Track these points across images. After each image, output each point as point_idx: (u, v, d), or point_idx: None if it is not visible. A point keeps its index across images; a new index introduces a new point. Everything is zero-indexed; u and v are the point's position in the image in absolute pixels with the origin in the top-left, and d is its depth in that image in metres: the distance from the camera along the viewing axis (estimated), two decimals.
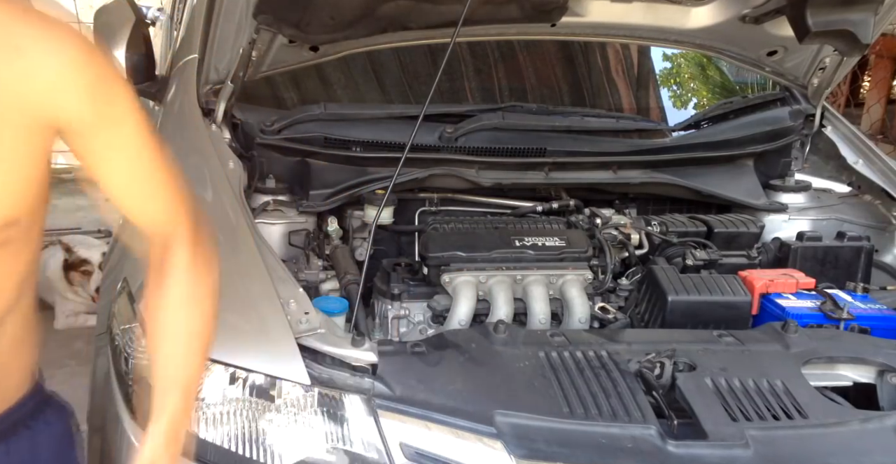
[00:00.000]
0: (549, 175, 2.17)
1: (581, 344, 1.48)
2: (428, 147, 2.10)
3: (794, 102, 2.48)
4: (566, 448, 1.23)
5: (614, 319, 1.79)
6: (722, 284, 1.77)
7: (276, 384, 1.30)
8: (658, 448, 1.24)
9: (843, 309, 1.69)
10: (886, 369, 1.48)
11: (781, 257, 2.01)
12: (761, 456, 1.23)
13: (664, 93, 2.82)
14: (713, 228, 2.08)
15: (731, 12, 2.11)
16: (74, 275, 3.46)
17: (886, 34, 5.00)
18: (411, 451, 1.24)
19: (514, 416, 1.26)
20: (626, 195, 2.31)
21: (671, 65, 2.82)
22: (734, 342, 1.53)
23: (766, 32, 2.18)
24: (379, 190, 1.97)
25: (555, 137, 2.21)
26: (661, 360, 1.42)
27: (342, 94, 2.37)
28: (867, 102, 6.06)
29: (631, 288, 1.89)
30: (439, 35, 2.08)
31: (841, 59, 2.26)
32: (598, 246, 1.91)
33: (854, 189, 2.42)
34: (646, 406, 1.30)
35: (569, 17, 2.07)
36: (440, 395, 1.29)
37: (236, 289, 1.38)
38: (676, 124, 2.50)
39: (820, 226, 2.26)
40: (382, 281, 1.85)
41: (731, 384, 1.39)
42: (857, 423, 1.33)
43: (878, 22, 1.98)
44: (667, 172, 2.25)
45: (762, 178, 2.41)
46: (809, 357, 1.49)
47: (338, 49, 2.10)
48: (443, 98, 2.34)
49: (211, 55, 1.91)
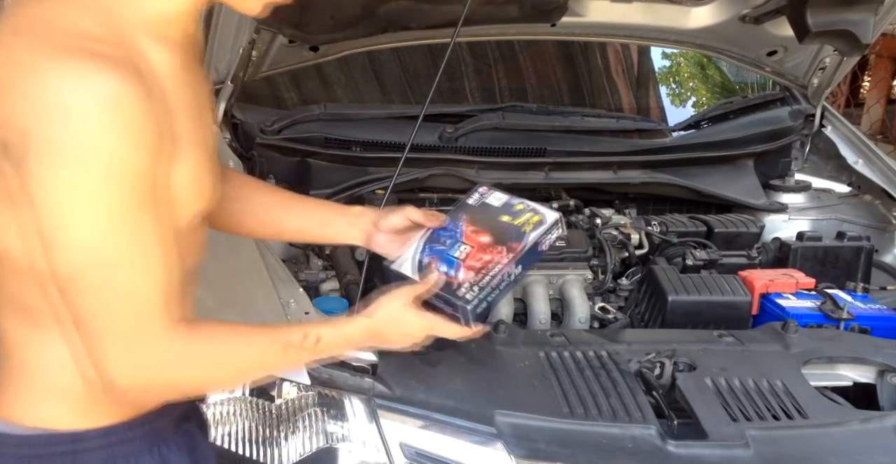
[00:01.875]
0: (549, 175, 2.17)
1: (581, 344, 1.48)
2: (428, 147, 2.10)
3: (794, 102, 2.48)
4: (566, 448, 1.23)
5: (614, 319, 1.79)
6: (722, 284, 1.77)
7: (276, 384, 1.30)
8: (658, 448, 1.23)
9: (843, 309, 1.69)
10: (886, 368, 1.48)
11: (781, 257, 2.01)
12: (761, 456, 1.23)
13: (664, 92, 2.82)
14: (713, 228, 2.08)
15: (731, 12, 2.11)
16: None
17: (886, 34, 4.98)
18: (411, 451, 1.24)
19: (514, 416, 1.26)
20: (626, 195, 2.31)
21: (671, 64, 2.82)
22: (734, 342, 1.53)
23: (766, 32, 2.18)
24: (379, 190, 1.97)
25: (555, 137, 2.21)
26: (661, 360, 1.42)
27: (342, 94, 2.37)
28: (867, 102, 6.05)
29: (631, 288, 1.89)
30: (439, 35, 2.07)
31: (841, 59, 2.26)
32: (598, 246, 1.90)
33: (854, 189, 2.42)
34: (646, 406, 1.30)
35: (569, 17, 2.07)
36: (440, 395, 1.29)
37: (237, 289, 1.38)
38: (676, 124, 2.51)
39: (820, 226, 2.26)
40: (382, 281, 1.85)
41: (731, 384, 1.39)
42: (857, 423, 1.33)
43: (878, 22, 1.98)
44: (667, 172, 2.25)
45: (762, 178, 2.41)
46: (809, 357, 1.49)
47: (338, 49, 2.10)
48: (443, 98, 2.34)
49: (211, 55, 1.91)
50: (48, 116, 0.76)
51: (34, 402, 0.93)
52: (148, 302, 0.83)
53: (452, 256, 1.18)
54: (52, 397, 0.93)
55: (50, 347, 0.90)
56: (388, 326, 1.08)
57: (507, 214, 1.23)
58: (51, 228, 0.80)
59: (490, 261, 1.16)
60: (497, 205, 1.25)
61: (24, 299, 0.90)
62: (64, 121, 0.76)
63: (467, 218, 1.23)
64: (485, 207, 1.25)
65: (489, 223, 1.22)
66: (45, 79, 0.77)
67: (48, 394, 0.93)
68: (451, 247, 1.19)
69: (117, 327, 0.82)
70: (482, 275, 1.15)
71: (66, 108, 0.76)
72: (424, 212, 1.26)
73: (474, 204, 1.26)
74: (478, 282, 1.14)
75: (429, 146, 2.11)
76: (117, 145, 0.78)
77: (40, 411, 0.93)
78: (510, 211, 1.23)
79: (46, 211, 0.79)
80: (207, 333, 0.91)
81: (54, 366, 0.91)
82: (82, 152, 0.77)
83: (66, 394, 0.92)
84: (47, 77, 0.77)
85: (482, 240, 1.19)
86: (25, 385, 0.93)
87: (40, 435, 0.92)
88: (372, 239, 1.28)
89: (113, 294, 0.82)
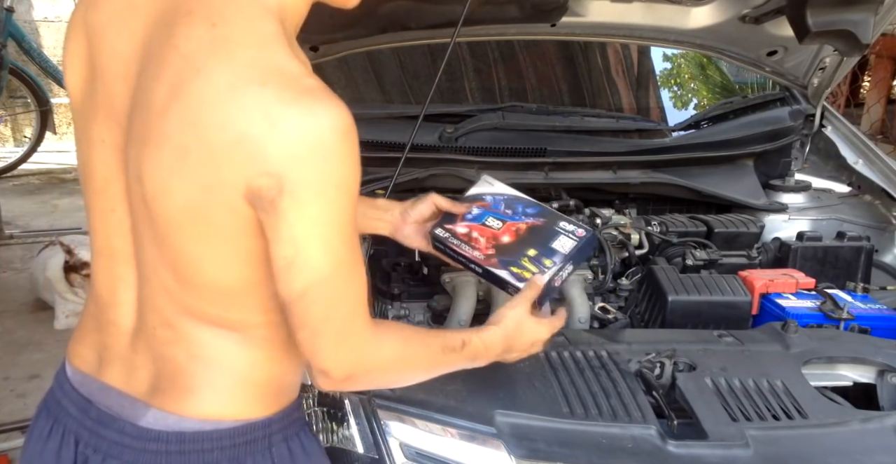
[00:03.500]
0: (549, 175, 2.17)
1: (581, 344, 1.49)
2: (428, 147, 2.10)
3: (794, 102, 2.48)
4: (566, 448, 1.23)
5: (614, 319, 1.79)
6: (722, 284, 1.77)
7: None
8: (658, 448, 1.24)
9: (843, 309, 1.69)
10: (886, 369, 1.48)
11: (781, 257, 2.01)
12: (761, 456, 1.23)
13: (664, 93, 2.82)
14: (713, 228, 2.08)
15: (731, 12, 2.11)
16: (75, 277, 3.46)
17: (886, 34, 4.99)
18: (411, 451, 1.24)
19: (514, 416, 1.26)
20: (626, 195, 2.31)
21: (671, 65, 2.82)
22: (734, 342, 1.53)
23: (766, 32, 2.18)
24: (379, 190, 1.96)
25: (555, 137, 2.21)
26: (661, 360, 1.42)
27: (342, 94, 2.34)
28: (867, 102, 6.05)
29: (631, 288, 1.89)
30: (439, 35, 2.07)
31: (841, 59, 2.26)
32: (598, 246, 1.90)
33: (854, 189, 2.42)
34: (646, 406, 1.30)
35: (569, 17, 2.07)
36: (440, 395, 1.29)
37: None
38: (676, 124, 2.50)
39: (820, 226, 2.26)
40: (382, 281, 1.85)
41: (731, 384, 1.39)
42: (857, 423, 1.32)
43: (878, 22, 1.98)
44: (667, 172, 2.25)
45: (762, 178, 2.41)
46: (809, 357, 1.49)
47: (338, 49, 2.10)
48: (443, 98, 2.34)
49: None
50: (300, 158, 0.84)
51: (232, 398, 1.02)
52: (358, 306, 0.95)
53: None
54: (245, 391, 1.03)
55: (242, 348, 1.01)
56: (516, 335, 1.19)
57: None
58: (293, 255, 0.88)
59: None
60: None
61: (218, 313, 0.98)
62: (314, 159, 0.84)
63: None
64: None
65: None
66: (288, 123, 0.83)
67: (242, 390, 1.03)
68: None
69: (336, 328, 0.93)
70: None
71: (313, 147, 0.84)
72: (448, 199, 1.36)
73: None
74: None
75: (429, 146, 2.10)
76: (353, 171, 0.88)
77: (237, 406, 1.02)
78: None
79: (290, 243, 0.87)
80: (397, 331, 1.05)
81: (246, 365, 1.02)
82: (332, 185, 0.86)
83: (255, 387, 1.03)
84: (288, 124, 0.83)
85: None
86: (223, 385, 1.02)
87: (240, 426, 1.02)
88: (399, 231, 1.40)
89: (335, 302, 0.92)
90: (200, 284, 0.96)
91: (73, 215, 4.83)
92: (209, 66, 0.86)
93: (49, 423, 1.08)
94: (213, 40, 0.87)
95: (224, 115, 0.84)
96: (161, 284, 0.97)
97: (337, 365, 0.95)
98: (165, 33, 0.90)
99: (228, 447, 1.01)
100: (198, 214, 0.90)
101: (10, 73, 5.30)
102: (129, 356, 1.04)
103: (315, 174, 0.85)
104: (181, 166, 0.88)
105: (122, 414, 1.02)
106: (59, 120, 6.10)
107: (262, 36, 0.88)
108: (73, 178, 5.67)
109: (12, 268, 4.06)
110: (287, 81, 0.85)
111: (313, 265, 0.89)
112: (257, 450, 1.02)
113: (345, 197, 0.88)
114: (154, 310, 1.00)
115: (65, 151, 6.17)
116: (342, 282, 0.92)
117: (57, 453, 1.05)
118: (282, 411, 1.06)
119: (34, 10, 6.23)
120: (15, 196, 5.18)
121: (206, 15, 0.88)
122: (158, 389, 1.01)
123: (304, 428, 1.11)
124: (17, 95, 5.75)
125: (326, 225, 0.88)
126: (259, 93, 0.84)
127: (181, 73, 0.87)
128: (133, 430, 1.00)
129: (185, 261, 0.94)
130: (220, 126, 0.85)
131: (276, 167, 0.84)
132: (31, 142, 5.64)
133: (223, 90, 0.85)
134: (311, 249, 0.88)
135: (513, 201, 1.41)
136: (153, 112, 0.89)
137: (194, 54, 0.87)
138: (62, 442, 1.06)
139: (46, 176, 5.71)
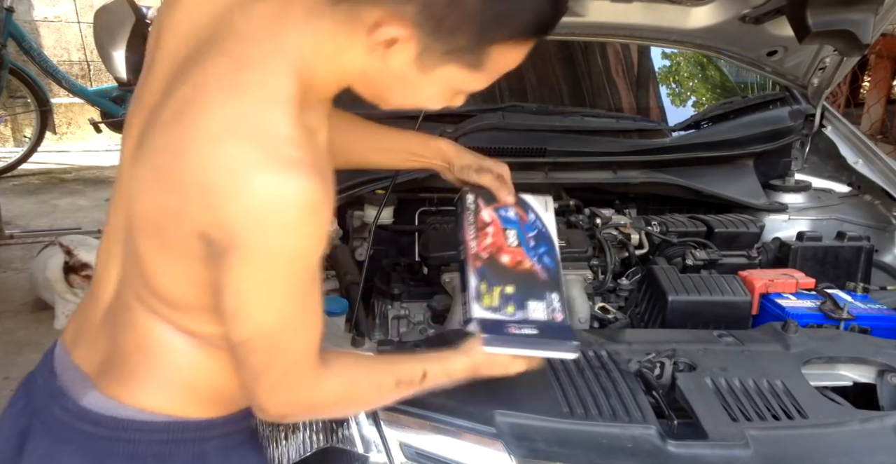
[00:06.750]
0: (549, 175, 2.17)
1: (581, 344, 1.48)
2: None
3: (794, 102, 2.48)
4: (566, 448, 1.23)
5: (614, 319, 1.79)
6: (722, 284, 1.77)
7: None
8: (658, 448, 1.24)
9: (843, 309, 1.69)
10: (886, 368, 1.48)
11: (781, 257, 2.01)
12: (761, 456, 1.23)
13: (664, 92, 2.82)
14: (713, 228, 2.08)
15: (731, 12, 2.11)
16: (75, 278, 3.45)
17: (886, 34, 4.99)
18: (411, 451, 1.24)
19: (514, 416, 1.26)
20: (626, 195, 2.31)
21: (670, 63, 2.82)
22: (734, 342, 1.53)
23: (766, 32, 2.17)
24: (379, 190, 1.96)
25: (555, 137, 2.20)
26: (661, 360, 1.42)
27: (343, 94, 2.36)
28: (867, 102, 6.05)
29: (631, 288, 1.89)
30: None
31: (841, 59, 2.26)
32: (598, 246, 1.90)
33: (854, 189, 2.42)
34: (646, 406, 1.30)
35: (569, 17, 2.07)
36: (440, 395, 1.28)
37: None
38: (676, 124, 2.50)
39: (820, 226, 2.26)
40: (382, 281, 1.85)
41: (731, 384, 1.39)
42: (857, 423, 1.32)
43: (878, 22, 1.98)
44: (667, 172, 2.25)
45: (762, 178, 2.41)
46: (809, 357, 1.49)
47: None
48: None
49: None
50: (256, 225, 0.85)
51: (171, 395, 1.04)
52: (302, 356, 0.96)
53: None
54: (186, 391, 1.04)
55: (191, 350, 1.02)
56: (485, 364, 1.16)
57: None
58: (235, 305, 0.90)
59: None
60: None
61: (171, 315, 1.00)
62: (271, 230, 0.85)
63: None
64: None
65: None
66: (253, 189, 0.83)
67: (183, 388, 1.04)
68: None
69: (276, 375, 0.95)
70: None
71: (273, 218, 0.84)
72: (507, 184, 1.38)
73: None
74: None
75: None
76: (309, 246, 0.89)
77: (175, 403, 1.04)
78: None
79: (234, 294, 0.89)
80: (344, 372, 1.04)
81: (191, 366, 1.03)
82: (284, 255, 0.87)
83: (198, 389, 1.05)
84: (255, 187, 0.83)
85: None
86: (165, 379, 1.03)
87: (173, 422, 1.03)
88: (445, 176, 1.46)
89: (277, 353, 0.94)
90: (157, 289, 0.98)
91: (73, 215, 4.83)
92: (211, 105, 0.87)
93: (21, 391, 1.14)
94: (229, 83, 0.89)
95: (199, 159, 0.86)
96: (134, 270, 1.01)
97: (273, 405, 0.98)
98: (201, 59, 0.92)
99: (157, 442, 1.02)
100: (158, 229, 0.93)
101: (10, 73, 5.29)
102: (96, 333, 1.08)
103: (268, 243, 0.86)
104: (154, 183, 0.91)
105: (72, 390, 1.05)
106: (58, 120, 6.09)
107: (273, 93, 0.89)
108: (73, 178, 5.67)
109: (12, 268, 4.06)
110: (270, 146, 0.85)
111: (256, 321, 0.91)
112: (186, 451, 1.04)
113: (298, 265, 0.89)
114: (123, 292, 1.04)
115: (65, 151, 6.16)
116: (288, 336, 0.93)
117: (16, 420, 1.10)
118: (223, 418, 1.07)
119: (34, 10, 6.22)
120: (15, 196, 5.18)
121: (238, 58, 0.90)
122: (105, 371, 1.05)
123: (250, 440, 1.13)
124: (17, 95, 5.74)
125: (274, 287, 0.89)
126: (237, 151, 0.85)
127: (188, 101, 0.89)
128: (74, 407, 1.04)
129: (144, 264, 0.98)
130: (193, 168, 0.86)
131: (231, 226, 0.85)
132: (31, 142, 5.64)
133: (208, 135, 0.86)
134: (254, 306, 0.90)
135: (542, 238, 1.32)
136: (159, 122, 0.92)
137: (207, 89, 0.89)
138: (23, 411, 1.10)
139: (46, 176, 5.71)
